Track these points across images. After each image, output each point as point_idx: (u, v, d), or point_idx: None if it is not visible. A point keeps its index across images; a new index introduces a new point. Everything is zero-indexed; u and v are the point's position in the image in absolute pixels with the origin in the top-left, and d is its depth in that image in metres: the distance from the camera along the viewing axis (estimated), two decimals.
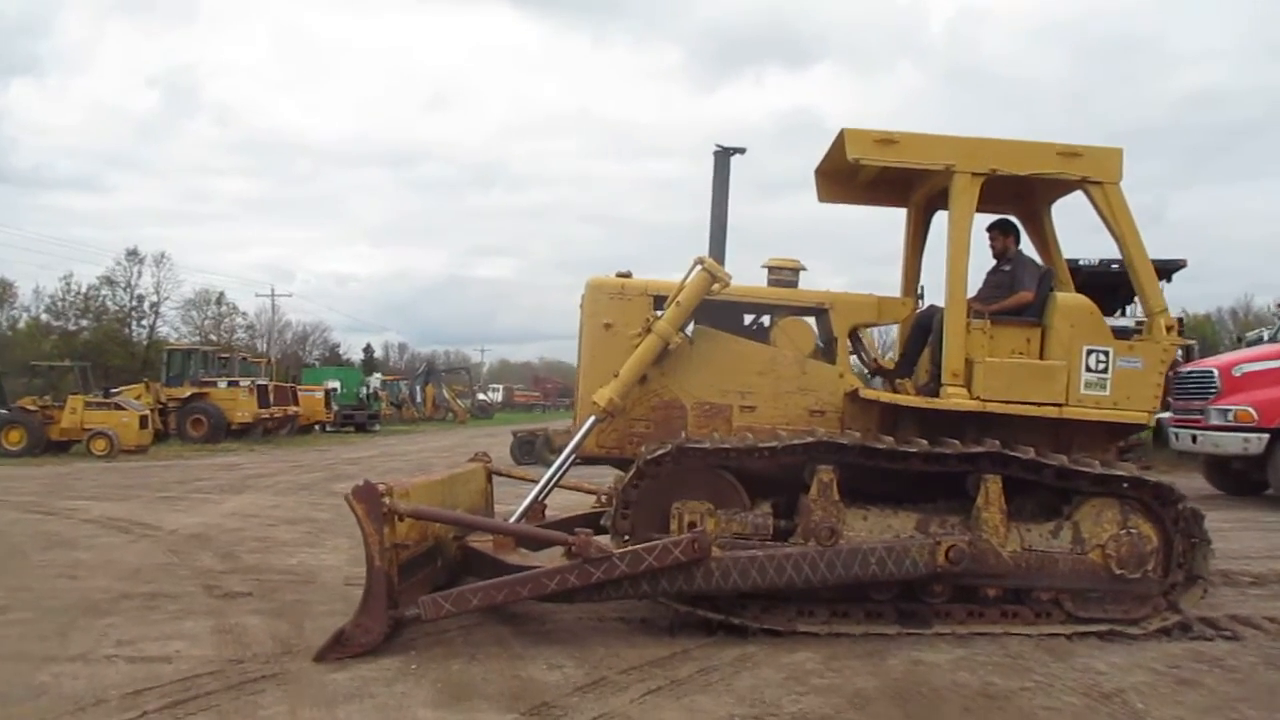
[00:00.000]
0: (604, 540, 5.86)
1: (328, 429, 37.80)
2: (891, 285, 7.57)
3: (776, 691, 4.83)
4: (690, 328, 6.72)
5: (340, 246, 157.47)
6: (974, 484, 6.05)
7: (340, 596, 7.02)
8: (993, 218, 7.13)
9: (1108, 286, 14.17)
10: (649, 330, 6.41)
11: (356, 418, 40.07)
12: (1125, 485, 6.05)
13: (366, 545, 5.38)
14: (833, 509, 5.92)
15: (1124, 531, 6.01)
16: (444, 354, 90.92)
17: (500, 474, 8.78)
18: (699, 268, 6.38)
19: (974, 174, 6.33)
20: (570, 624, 6.19)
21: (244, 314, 69.02)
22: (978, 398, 6.28)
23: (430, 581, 6.34)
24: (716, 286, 6.41)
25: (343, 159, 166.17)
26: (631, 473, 6.01)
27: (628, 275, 6.90)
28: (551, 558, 6.59)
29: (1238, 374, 12.59)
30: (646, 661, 5.34)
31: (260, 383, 31.40)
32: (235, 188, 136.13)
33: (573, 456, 6.67)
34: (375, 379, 51.14)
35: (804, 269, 7.05)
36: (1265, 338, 17.70)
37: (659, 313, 6.54)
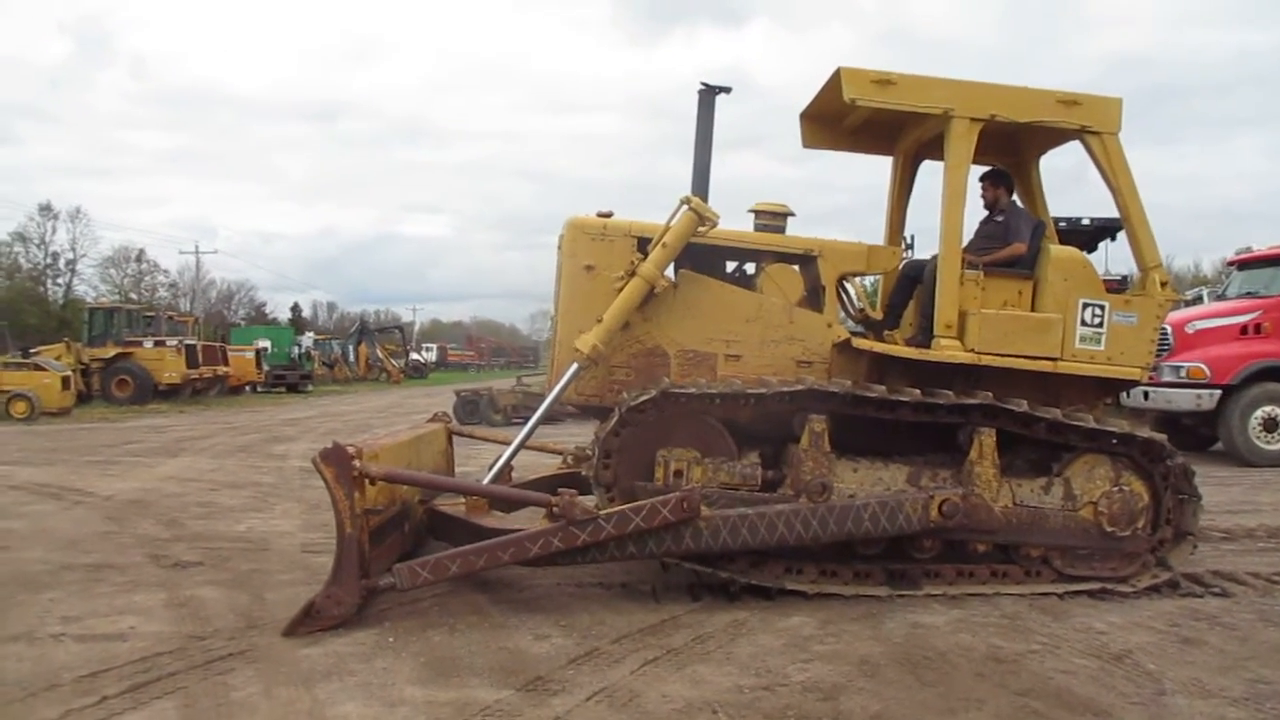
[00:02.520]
0: (587, 501, 5.58)
1: (258, 390, 36.69)
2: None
3: (780, 660, 4.61)
4: (673, 272, 6.42)
5: (264, 203, 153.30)
6: (966, 437, 5.90)
7: (299, 565, 6.64)
8: (979, 169, 6.92)
9: None
10: (633, 273, 6.09)
11: (288, 378, 38.89)
12: (1116, 441, 5.93)
13: (336, 511, 5.02)
14: (824, 460, 5.72)
15: (1115, 488, 5.90)
16: (374, 313, 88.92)
17: (461, 434, 8.45)
18: (685, 208, 6.06)
19: (973, 119, 6.09)
20: (549, 590, 5.91)
21: (165, 272, 67.11)
22: (971, 350, 6.11)
23: (399, 548, 6.02)
24: (704, 228, 6.10)
25: (265, 112, 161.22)
26: (614, 420, 5.71)
27: (609, 215, 6.52)
28: (528, 520, 6.31)
29: (1190, 331, 12.70)
30: (636, 629, 5.09)
31: (188, 342, 30.27)
32: (153, 141, 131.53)
33: (550, 408, 6.36)
34: (307, 338, 49.88)
35: (793, 214, 6.76)
36: (1204, 296, 18.02)
37: (642, 254, 6.22)
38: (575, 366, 6.09)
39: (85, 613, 5.41)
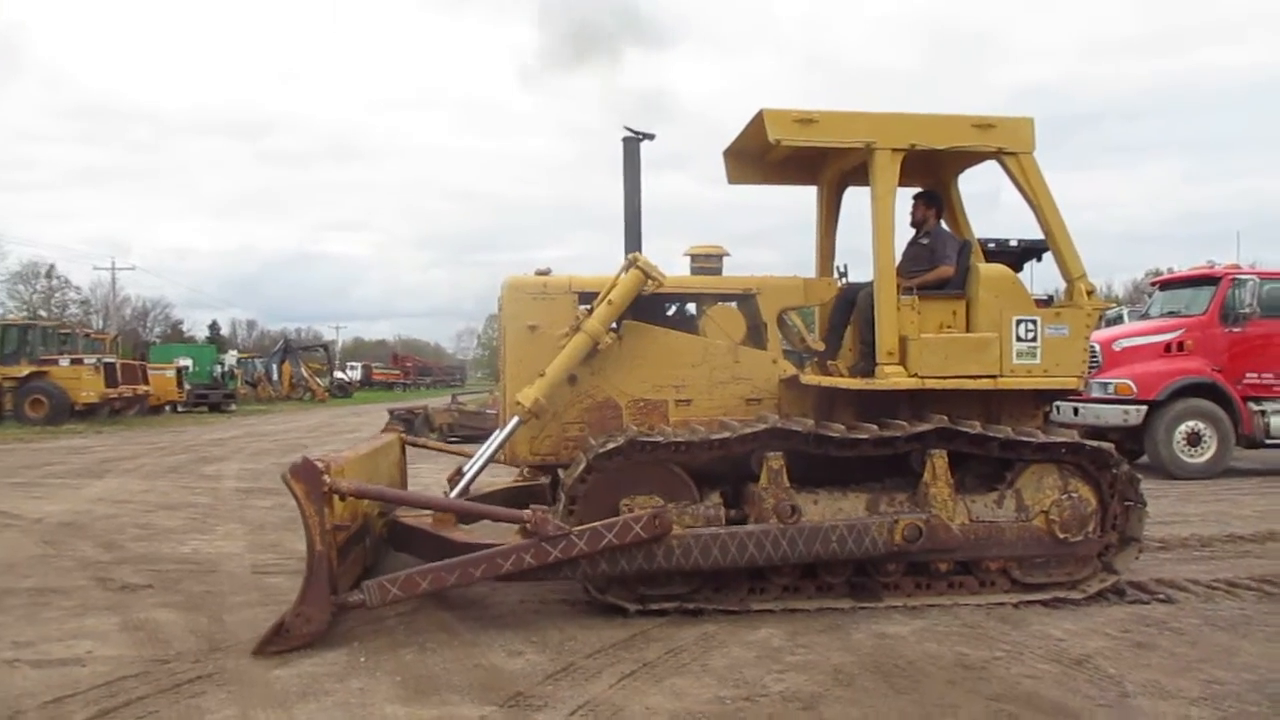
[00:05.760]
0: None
1: (179, 409, 35.75)
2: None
3: (755, 671, 4.67)
4: (616, 323, 6.42)
5: (180, 219, 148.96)
6: (919, 460, 6.02)
7: (253, 586, 6.52)
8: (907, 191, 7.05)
9: None
10: (577, 329, 6.12)
11: (211, 397, 37.90)
12: (1064, 451, 6.13)
13: (307, 528, 4.95)
14: (784, 495, 5.78)
15: (1064, 496, 6.09)
16: (295, 331, 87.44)
17: (416, 444, 8.42)
18: (632, 268, 6.13)
19: (894, 150, 6.26)
20: (514, 607, 5.89)
21: (77, 288, 64.99)
22: (915, 375, 6.23)
23: (361, 563, 5.96)
24: (650, 285, 6.18)
25: (185, 128, 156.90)
26: (581, 467, 5.71)
27: (547, 273, 6.61)
28: (487, 532, 6.26)
29: (1118, 349, 13.14)
30: (608, 644, 5.11)
31: (107, 360, 29.33)
32: (64, 155, 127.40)
33: (496, 454, 6.34)
34: (231, 356, 48.77)
35: (727, 254, 6.91)
36: (1125, 316, 18.69)
37: (585, 307, 6.26)
38: (515, 420, 6.10)
39: (36, 638, 5.24)
